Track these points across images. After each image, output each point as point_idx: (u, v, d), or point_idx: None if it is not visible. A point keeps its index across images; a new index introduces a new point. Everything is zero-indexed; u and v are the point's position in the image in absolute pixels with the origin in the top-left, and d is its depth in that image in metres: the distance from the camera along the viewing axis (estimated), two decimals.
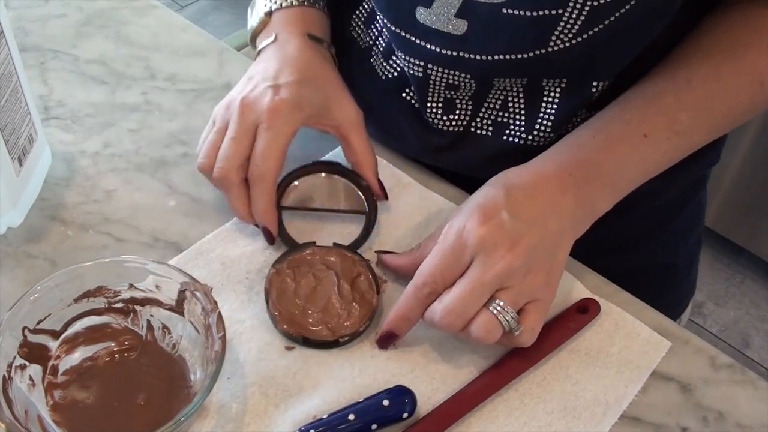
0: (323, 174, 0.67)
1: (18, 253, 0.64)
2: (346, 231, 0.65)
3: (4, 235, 0.65)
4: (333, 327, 0.58)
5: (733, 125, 0.62)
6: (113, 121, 0.76)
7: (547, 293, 0.55)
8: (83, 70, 0.81)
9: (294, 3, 0.68)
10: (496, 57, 0.61)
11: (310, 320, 0.58)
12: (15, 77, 0.63)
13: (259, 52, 0.68)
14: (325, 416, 0.53)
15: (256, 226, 0.63)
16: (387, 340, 0.57)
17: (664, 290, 0.81)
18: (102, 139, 0.74)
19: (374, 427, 0.53)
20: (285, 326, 0.58)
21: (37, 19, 0.87)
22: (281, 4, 0.68)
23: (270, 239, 0.63)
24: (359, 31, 0.74)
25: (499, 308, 0.53)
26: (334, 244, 0.63)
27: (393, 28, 0.65)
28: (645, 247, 0.78)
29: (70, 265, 0.55)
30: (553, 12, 0.56)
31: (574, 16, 0.56)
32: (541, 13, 0.57)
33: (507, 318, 0.53)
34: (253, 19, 0.70)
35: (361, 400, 0.54)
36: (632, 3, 0.55)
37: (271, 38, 0.67)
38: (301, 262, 0.61)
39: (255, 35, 0.70)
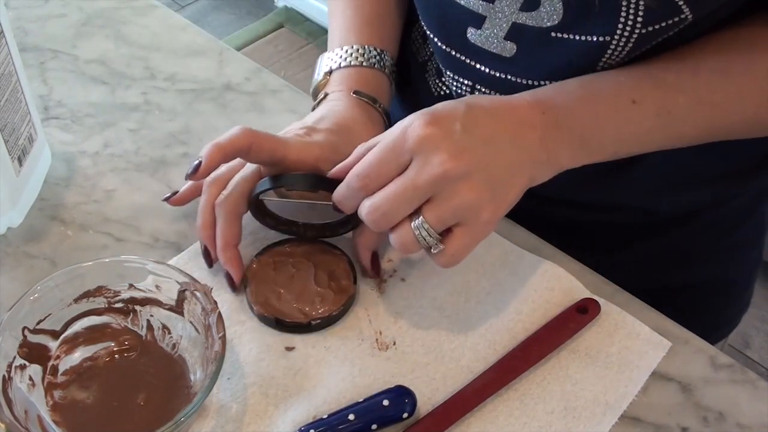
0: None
1: (18, 253, 0.64)
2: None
3: (4, 235, 0.65)
4: (306, 311, 0.59)
5: (730, 133, 0.59)
6: (113, 121, 0.76)
7: (481, 219, 0.52)
8: (83, 70, 0.81)
9: (352, 63, 0.68)
10: (542, 82, 0.60)
11: (285, 304, 0.59)
12: (15, 77, 0.63)
13: (313, 108, 0.68)
14: (325, 416, 0.53)
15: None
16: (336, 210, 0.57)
17: (721, 305, 0.80)
18: (102, 139, 0.74)
19: (374, 427, 0.53)
20: (259, 308, 0.59)
21: (37, 19, 0.87)
22: (340, 64, 0.68)
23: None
24: (417, 46, 0.74)
25: (417, 223, 0.51)
26: (319, 225, 0.63)
27: (443, 48, 0.65)
28: (705, 261, 0.76)
29: (70, 265, 0.55)
30: (601, 39, 0.56)
31: (622, 42, 0.55)
32: (589, 38, 0.56)
33: (424, 236, 0.52)
34: (317, 76, 0.70)
35: (361, 400, 0.54)
36: (681, 27, 0.54)
37: (321, 96, 0.67)
38: (282, 254, 0.62)
39: (316, 92, 0.69)
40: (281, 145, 0.59)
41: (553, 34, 0.58)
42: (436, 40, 0.66)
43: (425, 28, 0.68)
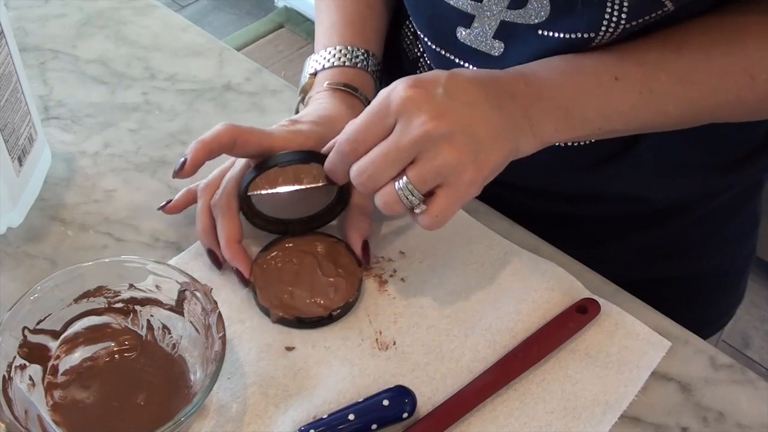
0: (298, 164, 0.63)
1: (18, 253, 0.64)
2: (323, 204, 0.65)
3: (4, 235, 0.65)
4: (324, 303, 0.59)
5: (714, 115, 0.59)
6: (113, 121, 0.76)
7: (463, 181, 0.52)
8: (83, 70, 0.81)
9: (335, 64, 0.68)
10: None
11: (300, 301, 0.59)
12: (15, 77, 0.63)
13: (296, 110, 0.69)
14: (325, 416, 0.53)
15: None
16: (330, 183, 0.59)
17: (713, 299, 0.81)
18: (102, 139, 0.74)
19: (374, 427, 0.53)
20: (277, 312, 0.58)
21: (37, 19, 0.87)
22: (324, 66, 0.69)
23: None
24: (408, 42, 0.74)
25: (401, 183, 0.52)
26: (306, 218, 0.63)
27: (433, 47, 0.65)
28: (697, 254, 0.76)
29: (70, 265, 0.55)
30: (587, 35, 0.56)
31: (606, 37, 0.56)
32: (575, 35, 0.57)
33: (407, 195, 0.52)
34: (302, 78, 0.70)
35: (361, 400, 0.54)
36: (663, 17, 0.55)
37: (306, 97, 0.68)
38: (280, 253, 0.62)
39: (303, 93, 0.70)
40: (266, 137, 0.60)
41: (540, 32, 0.58)
42: (426, 39, 0.66)
43: (415, 27, 0.68)
